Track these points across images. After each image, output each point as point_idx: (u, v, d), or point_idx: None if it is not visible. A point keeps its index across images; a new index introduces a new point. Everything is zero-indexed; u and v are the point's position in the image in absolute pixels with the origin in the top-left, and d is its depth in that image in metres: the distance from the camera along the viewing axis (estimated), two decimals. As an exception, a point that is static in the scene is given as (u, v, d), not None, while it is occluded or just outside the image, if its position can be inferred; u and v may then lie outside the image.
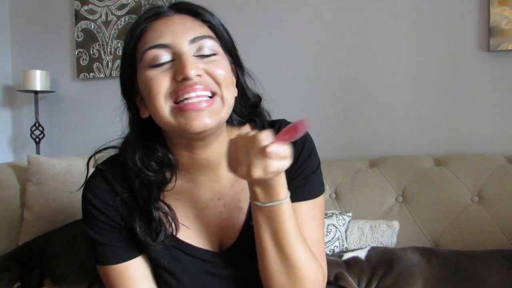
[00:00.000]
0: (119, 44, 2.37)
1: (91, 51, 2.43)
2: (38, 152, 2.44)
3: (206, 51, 0.72)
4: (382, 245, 1.46)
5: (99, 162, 0.85)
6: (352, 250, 1.35)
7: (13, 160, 2.58)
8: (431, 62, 1.84)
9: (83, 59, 2.44)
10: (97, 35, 2.41)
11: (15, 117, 2.67)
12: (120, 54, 2.44)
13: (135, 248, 0.79)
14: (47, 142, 2.52)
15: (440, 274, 1.23)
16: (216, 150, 0.77)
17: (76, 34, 2.46)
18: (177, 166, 0.79)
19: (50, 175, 1.64)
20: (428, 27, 1.84)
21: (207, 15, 0.75)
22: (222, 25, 0.78)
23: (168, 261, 0.79)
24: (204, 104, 0.69)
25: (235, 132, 0.82)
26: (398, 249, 1.34)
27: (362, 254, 1.31)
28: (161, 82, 0.69)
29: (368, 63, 1.93)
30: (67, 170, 1.68)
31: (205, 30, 0.74)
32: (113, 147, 0.83)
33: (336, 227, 1.49)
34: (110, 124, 0.81)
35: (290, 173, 0.78)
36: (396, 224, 1.51)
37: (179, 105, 0.69)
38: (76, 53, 2.46)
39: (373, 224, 1.52)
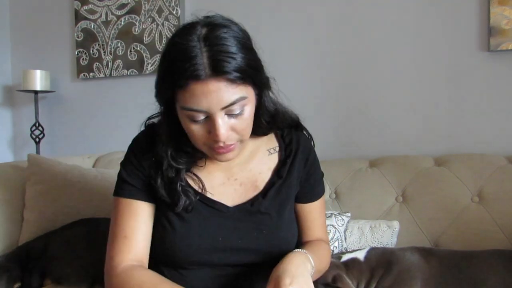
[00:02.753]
0: (119, 44, 2.37)
1: (91, 51, 2.43)
2: (38, 152, 2.44)
3: (236, 111, 0.82)
4: (382, 245, 1.46)
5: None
6: (351, 251, 1.35)
7: (13, 160, 2.58)
8: (431, 62, 1.84)
9: (83, 59, 2.44)
10: (97, 35, 2.41)
11: (15, 117, 2.67)
12: (121, 53, 2.43)
13: (149, 195, 0.93)
14: (47, 142, 2.52)
15: (440, 274, 1.22)
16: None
17: (76, 34, 2.46)
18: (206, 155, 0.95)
19: (50, 175, 1.64)
20: (428, 27, 1.84)
21: (237, 70, 0.80)
22: (250, 65, 0.83)
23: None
24: (230, 149, 0.87)
25: (259, 143, 1.01)
26: (397, 249, 1.34)
27: (361, 255, 1.30)
28: (200, 135, 0.85)
29: (368, 63, 1.93)
30: (67, 170, 1.68)
31: (236, 90, 0.81)
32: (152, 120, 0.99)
33: (335, 228, 1.49)
34: (110, 124, 0.83)
35: (306, 175, 1.02)
36: (396, 224, 1.51)
37: (213, 149, 0.86)
38: (76, 53, 2.46)
39: (373, 224, 1.52)
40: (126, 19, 2.35)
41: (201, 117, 0.82)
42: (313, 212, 1.04)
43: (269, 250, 0.93)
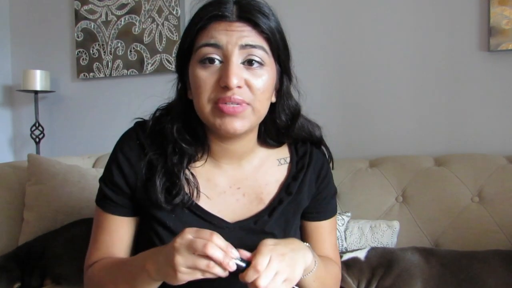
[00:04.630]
0: (119, 44, 2.36)
1: (91, 51, 2.43)
2: (38, 152, 2.44)
3: (255, 57, 0.76)
4: (382, 245, 1.46)
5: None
6: (352, 251, 1.35)
7: (13, 160, 2.58)
8: (431, 62, 1.84)
9: (83, 59, 2.44)
10: (97, 35, 2.41)
11: (15, 117, 2.67)
12: (121, 53, 2.44)
13: (131, 210, 0.86)
14: (47, 142, 2.52)
15: (440, 274, 1.23)
16: (244, 144, 0.85)
17: (76, 34, 2.46)
18: (209, 149, 0.86)
19: (50, 175, 1.64)
20: (428, 27, 1.84)
21: (266, 25, 0.78)
22: (280, 33, 0.82)
23: (174, 223, 0.82)
24: (238, 110, 0.76)
25: (270, 152, 0.91)
26: (397, 249, 1.34)
27: (361, 254, 1.31)
28: (207, 85, 0.76)
29: (368, 63, 1.93)
30: (67, 170, 1.68)
31: (260, 40, 0.77)
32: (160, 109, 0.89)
33: (336, 227, 1.49)
34: (110, 124, 0.82)
35: (316, 191, 0.92)
36: (396, 224, 1.51)
37: (218, 105, 0.75)
38: (76, 53, 2.46)
39: (373, 224, 1.52)
40: (126, 19, 2.35)
41: (215, 57, 0.75)
42: (320, 232, 0.94)
43: None
